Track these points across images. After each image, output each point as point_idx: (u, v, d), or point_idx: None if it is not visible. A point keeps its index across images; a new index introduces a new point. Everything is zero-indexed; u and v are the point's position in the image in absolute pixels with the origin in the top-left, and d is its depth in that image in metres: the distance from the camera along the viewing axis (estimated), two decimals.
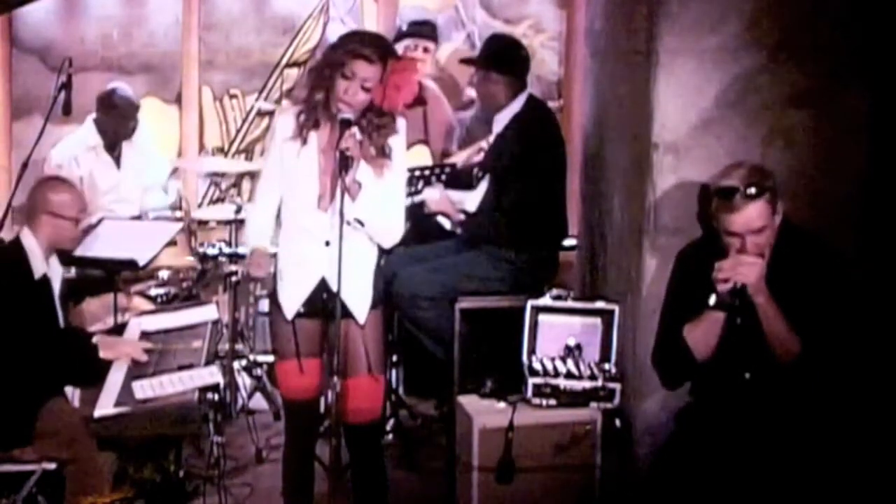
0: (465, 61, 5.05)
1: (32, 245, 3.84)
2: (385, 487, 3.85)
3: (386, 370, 3.82)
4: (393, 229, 3.67)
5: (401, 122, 3.68)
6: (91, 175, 5.43)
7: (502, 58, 4.65)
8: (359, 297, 3.65)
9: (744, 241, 3.26)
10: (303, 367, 3.66)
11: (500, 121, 4.66)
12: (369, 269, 3.69)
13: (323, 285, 3.59)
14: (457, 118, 5.68)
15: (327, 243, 3.49)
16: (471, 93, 5.67)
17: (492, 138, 4.72)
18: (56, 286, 3.93)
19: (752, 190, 3.23)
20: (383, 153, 3.61)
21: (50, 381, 3.78)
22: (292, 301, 3.66)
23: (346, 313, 3.60)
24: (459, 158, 5.15)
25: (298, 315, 3.66)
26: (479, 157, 4.96)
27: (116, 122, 5.47)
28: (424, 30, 5.37)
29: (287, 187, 3.64)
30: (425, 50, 5.31)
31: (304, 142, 3.60)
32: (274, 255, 3.76)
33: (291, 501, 3.87)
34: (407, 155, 3.83)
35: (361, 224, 3.57)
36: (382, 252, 3.77)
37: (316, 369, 3.72)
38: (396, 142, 3.65)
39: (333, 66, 3.53)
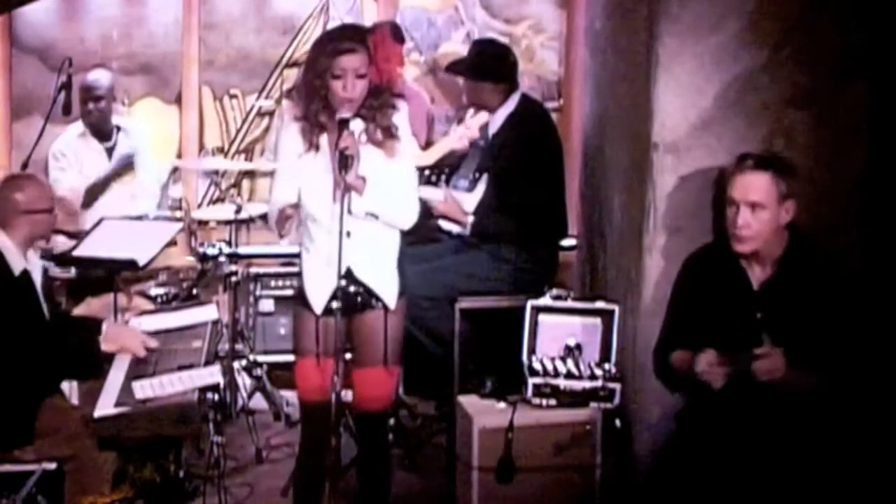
0: (451, 70, 4.99)
1: (6, 243, 3.78)
2: (388, 480, 3.83)
3: (401, 362, 3.80)
4: (408, 214, 3.64)
5: (401, 101, 3.65)
6: (79, 160, 5.42)
7: (488, 69, 4.63)
8: (387, 283, 3.64)
9: (736, 210, 3.26)
10: (321, 365, 3.63)
11: (495, 122, 4.66)
12: (393, 255, 3.68)
13: (349, 276, 3.58)
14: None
15: (348, 234, 3.47)
16: None
17: (489, 135, 4.72)
18: (37, 279, 3.90)
19: (764, 163, 3.30)
20: (391, 134, 3.58)
21: (44, 374, 3.76)
22: (320, 296, 3.62)
23: (375, 301, 3.62)
24: (446, 143, 5.08)
25: (327, 311, 3.61)
26: (468, 140, 4.89)
27: (84, 103, 5.42)
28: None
29: (304, 190, 3.61)
30: None
31: (317, 148, 3.59)
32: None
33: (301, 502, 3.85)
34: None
35: (375, 217, 3.56)
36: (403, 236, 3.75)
37: (333, 369, 3.69)
38: (401, 119, 3.62)
39: (321, 73, 3.53)
